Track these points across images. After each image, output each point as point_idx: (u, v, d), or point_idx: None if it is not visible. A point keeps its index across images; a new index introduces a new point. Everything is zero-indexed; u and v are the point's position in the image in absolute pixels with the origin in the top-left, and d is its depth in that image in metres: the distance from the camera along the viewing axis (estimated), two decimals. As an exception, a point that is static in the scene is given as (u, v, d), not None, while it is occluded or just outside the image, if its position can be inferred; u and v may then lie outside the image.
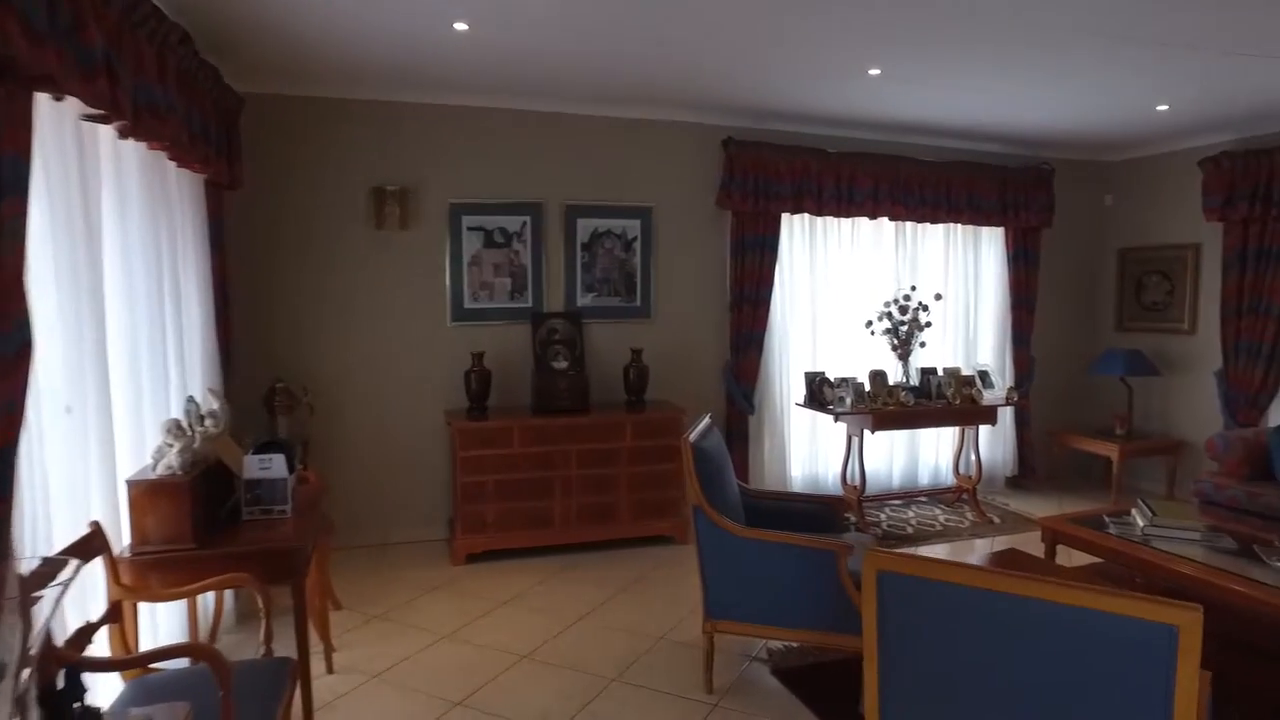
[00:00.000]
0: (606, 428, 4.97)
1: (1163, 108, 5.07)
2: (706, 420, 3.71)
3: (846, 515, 3.97)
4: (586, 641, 3.72)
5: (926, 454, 6.30)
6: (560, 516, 4.91)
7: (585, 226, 5.38)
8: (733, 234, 5.60)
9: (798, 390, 5.76)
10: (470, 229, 5.15)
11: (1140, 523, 3.79)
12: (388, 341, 5.02)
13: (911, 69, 4.29)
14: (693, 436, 3.37)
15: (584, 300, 5.42)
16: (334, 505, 4.82)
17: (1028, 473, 6.49)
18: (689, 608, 4.08)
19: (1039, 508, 5.90)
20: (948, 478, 6.24)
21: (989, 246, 6.36)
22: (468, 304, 5.17)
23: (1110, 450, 5.98)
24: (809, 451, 6.00)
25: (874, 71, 4.32)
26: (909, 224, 6.07)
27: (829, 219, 5.87)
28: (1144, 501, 3.95)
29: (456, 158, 5.06)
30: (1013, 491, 6.37)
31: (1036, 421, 6.52)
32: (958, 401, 5.57)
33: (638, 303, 5.53)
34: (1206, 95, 4.82)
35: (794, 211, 5.65)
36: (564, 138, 5.26)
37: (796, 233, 5.82)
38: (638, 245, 5.49)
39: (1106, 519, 3.98)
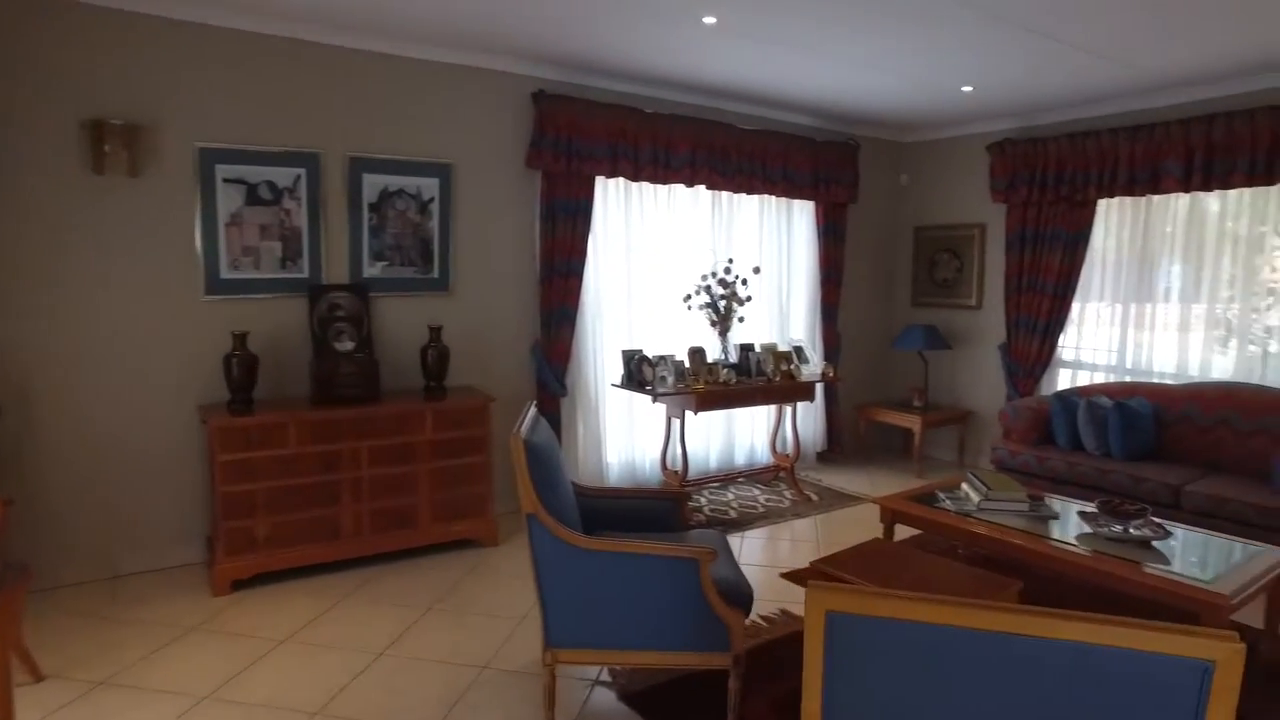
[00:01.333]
0: (402, 419, 4.25)
1: (967, 89, 5.19)
2: (533, 410, 3.16)
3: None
4: (394, 682, 3.05)
5: (742, 433, 6.16)
6: (350, 525, 4.14)
7: (374, 184, 4.57)
8: (543, 198, 5.04)
9: (614, 370, 5.35)
10: (228, 181, 4.16)
11: (975, 497, 3.78)
12: (116, 319, 3.93)
13: (749, 20, 3.96)
14: (523, 431, 2.82)
15: (372, 270, 4.62)
16: (35, 536, 3.71)
17: (835, 447, 6.58)
18: (513, 623, 3.53)
19: (851, 482, 5.98)
20: (763, 456, 6.16)
21: (800, 220, 6.31)
22: (226, 273, 4.20)
23: (912, 422, 6.18)
24: (626, 436, 5.63)
25: (709, 20, 3.94)
26: (725, 194, 5.84)
27: (645, 186, 5.48)
28: (974, 475, 3.96)
29: (208, 90, 4.05)
30: (824, 467, 6.42)
31: (843, 396, 6.62)
32: (777, 379, 5.44)
33: (435, 274, 4.82)
34: (1006, 81, 4.97)
35: (610, 175, 5.19)
36: (349, 78, 4.40)
37: (611, 199, 5.37)
38: (435, 207, 4.77)
39: (940, 494, 3.95)
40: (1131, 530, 3.35)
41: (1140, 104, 5.27)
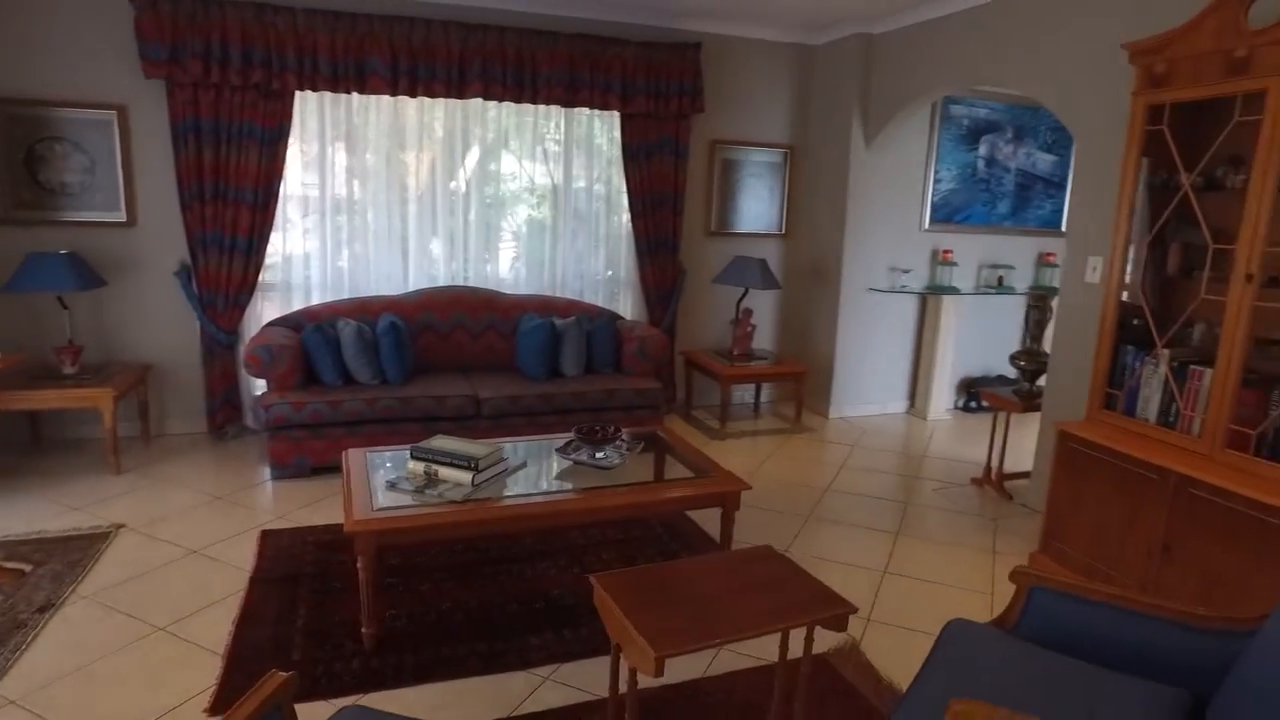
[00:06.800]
0: None
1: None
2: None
3: None
4: None
5: None
6: None
7: None
8: None
9: None
10: None
11: (463, 477, 3.02)
12: None
13: None
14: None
15: None
16: None
17: (-48, 470, 3.93)
18: None
19: (51, 517, 3.76)
20: None
21: None
22: None
23: (97, 399, 4.20)
24: None
25: None
26: None
27: None
28: (421, 449, 3.11)
29: None
30: (-42, 508, 3.77)
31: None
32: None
33: None
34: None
35: None
36: None
37: None
38: None
39: (403, 490, 2.98)
40: (611, 454, 3.36)
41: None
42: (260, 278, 4.85)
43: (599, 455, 3.33)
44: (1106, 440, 3.21)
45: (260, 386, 4.87)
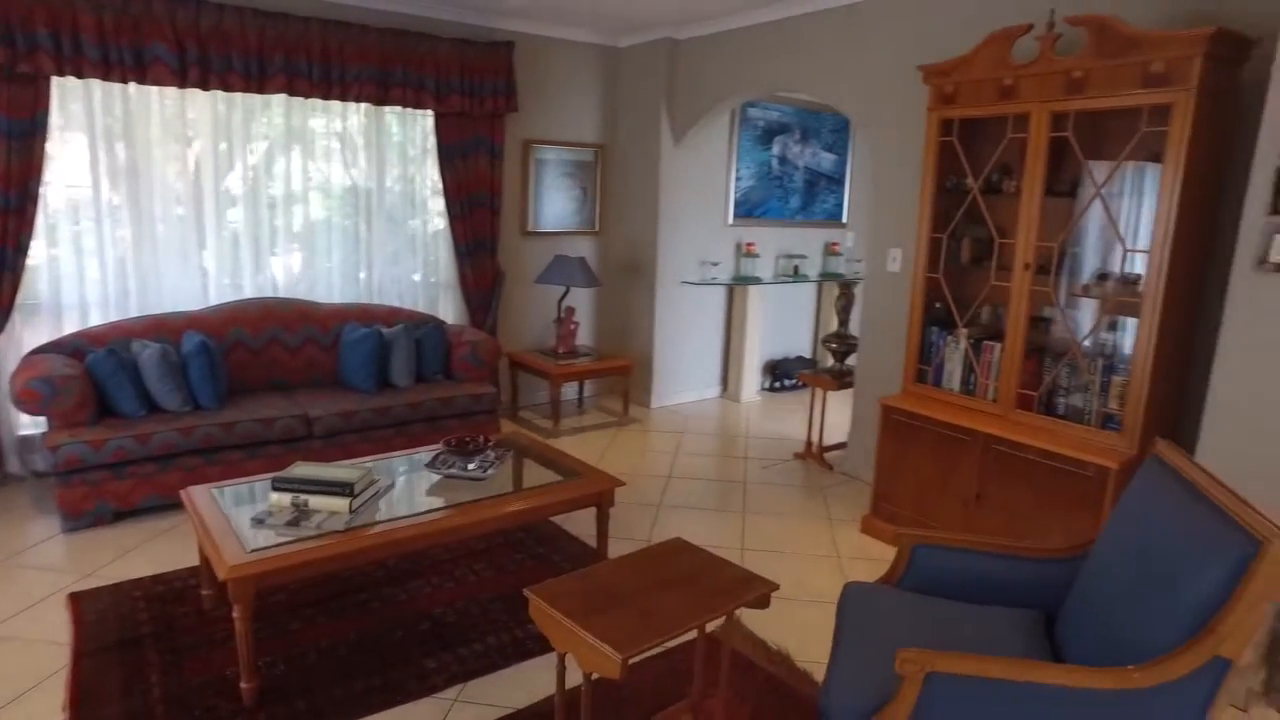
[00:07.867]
0: None
1: None
2: None
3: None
4: None
5: None
6: None
7: None
8: None
9: None
10: None
11: (336, 504, 2.82)
12: None
13: None
14: None
15: None
16: None
17: None
18: None
19: None
20: None
21: None
22: None
23: None
24: None
25: None
26: None
27: None
28: (285, 479, 2.86)
29: None
30: None
31: None
32: None
33: None
34: None
35: None
36: None
37: None
38: None
39: (273, 526, 2.73)
40: (483, 464, 3.30)
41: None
42: (18, 298, 4.13)
43: (471, 466, 3.27)
44: (922, 409, 3.70)
45: (30, 425, 4.19)
